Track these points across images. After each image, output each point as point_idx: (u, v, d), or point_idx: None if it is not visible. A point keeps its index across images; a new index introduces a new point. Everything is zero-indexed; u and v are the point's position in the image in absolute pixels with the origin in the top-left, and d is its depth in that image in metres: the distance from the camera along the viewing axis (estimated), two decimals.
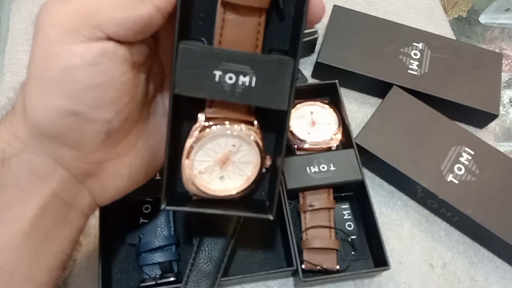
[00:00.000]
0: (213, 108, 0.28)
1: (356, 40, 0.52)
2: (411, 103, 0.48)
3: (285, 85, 0.27)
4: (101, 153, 0.27)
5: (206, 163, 0.29)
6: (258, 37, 0.27)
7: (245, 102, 0.27)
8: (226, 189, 0.30)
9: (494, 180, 0.45)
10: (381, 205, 0.47)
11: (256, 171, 0.30)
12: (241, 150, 0.29)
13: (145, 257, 0.38)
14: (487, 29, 0.78)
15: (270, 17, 0.28)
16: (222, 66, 0.26)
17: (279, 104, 0.27)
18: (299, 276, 0.37)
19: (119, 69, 0.24)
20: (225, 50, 0.26)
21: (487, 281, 0.44)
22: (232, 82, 0.26)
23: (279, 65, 0.27)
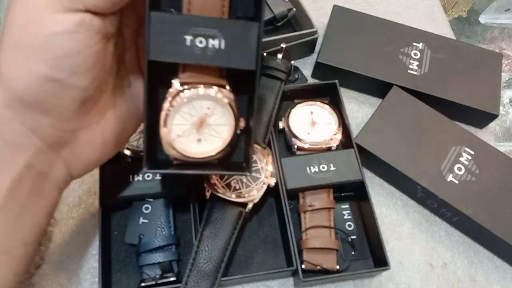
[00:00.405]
0: (187, 73, 0.30)
1: (356, 40, 0.52)
2: (411, 103, 0.48)
3: (252, 46, 0.29)
4: (75, 121, 0.28)
5: (184, 126, 0.30)
6: (224, 3, 0.29)
7: (216, 64, 0.29)
8: (204, 151, 0.31)
9: (494, 180, 0.45)
10: (381, 205, 0.47)
11: (231, 133, 0.31)
12: (216, 113, 0.31)
13: (145, 257, 0.37)
14: (487, 29, 0.78)
15: None
16: (192, 31, 0.28)
17: (248, 64, 0.29)
18: (299, 276, 0.37)
19: (93, 39, 0.26)
20: (194, 15, 0.28)
21: (487, 281, 0.44)
22: (203, 45, 0.28)
23: (245, 27, 0.29)
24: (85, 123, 0.29)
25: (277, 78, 0.45)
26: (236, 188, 0.39)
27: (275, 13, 0.52)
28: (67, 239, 0.41)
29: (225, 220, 0.38)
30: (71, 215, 0.42)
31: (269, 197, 0.44)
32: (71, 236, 0.41)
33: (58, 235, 0.41)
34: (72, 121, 0.27)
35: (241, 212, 0.38)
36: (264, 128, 0.42)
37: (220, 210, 0.38)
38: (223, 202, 0.38)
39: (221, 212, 0.38)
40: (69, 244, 0.41)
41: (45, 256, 0.40)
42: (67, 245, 0.41)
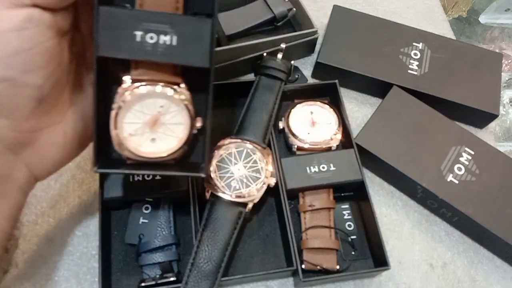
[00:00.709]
0: (139, 70, 0.29)
1: (356, 40, 0.52)
2: (411, 103, 0.48)
3: (205, 43, 0.28)
4: (33, 121, 0.27)
5: (136, 125, 0.30)
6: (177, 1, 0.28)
7: (167, 60, 0.28)
8: (158, 151, 0.30)
9: (494, 180, 0.45)
10: (381, 205, 0.47)
11: (187, 132, 0.30)
12: (170, 111, 0.30)
13: (145, 257, 0.37)
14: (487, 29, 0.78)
15: None
16: (142, 26, 0.27)
17: (201, 62, 0.28)
18: (299, 276, 0.37)
19: (45, 35, 0.25)
20: (145, 10, 0.27)
21: (487, 281, 0.44)
22: (154, 41, 0.27)
23: (198, 24, 0.28)
24: (45, 123, 0.28)
25: (277, 78, 0.45)
26: (236, 188, 0.39)
27: (275, 13, 0.52)
28: (67, 239, 0.41)
29: (225, 220, 0.38)
30: (71, 215, 0.42)
31: (269, 197, 0.44)
32: (71, 236, 0.41)
33: (57, 235, 0.41)
34: (30, 121, 0.27)
35: (241, 212, 0.38)
36: (264, 128, 0.42)
37: (220, 210, 0.38)
38: (223, 202, 0.38)
39: (221, 212, 0.38)
40: (68, 244, 0.41)
41: (46, 255, 0.40)
42: (67, 245, 0.41)
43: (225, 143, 0.40)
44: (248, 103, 0.44)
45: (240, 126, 0.42)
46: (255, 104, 0.44)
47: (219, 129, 0.47)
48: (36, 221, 0.41)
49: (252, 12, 0.52)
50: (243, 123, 0.42)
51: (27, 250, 0.40)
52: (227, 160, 0.40)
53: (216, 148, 0.40)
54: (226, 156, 0.40)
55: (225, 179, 0.39)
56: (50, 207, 0.42)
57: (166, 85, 0.29)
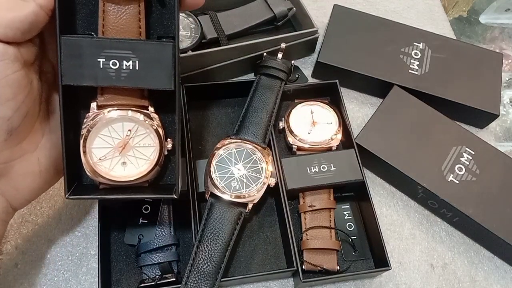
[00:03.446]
0: (105, 96, 0.30)
1: (357, 39, 0.52)
2: (412, 103, 0.48)
3: (168, 65, 0.29)
4: (6, 152, 0.27)
5: (105, 150, 0.30)
6: (140, 24, 0.30)
7: (131, 85, 0.29)
8: (130, 174, 0.31)
9: (495, 180, 0.45)
10: (381, 205, 0.47)
11: (157, 154, 0.31)
12: (139, 135, 0.31)
13: (145, 257, 0.37)
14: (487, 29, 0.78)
15: (153, 6, 0.31)
16: (104, 53, 0.28)
17: (165, 84, 0.29)
18: (299, 277, 0.37)
19: (10, 68, 0.25)
20: (106, 38, 0.28)
21: (487, 281, 0.44)
22: (116, 67, 0.28)
23: (159, 47, 0.29)
24: (18, 153, 0.28)
25: (277, 78, 0.45)
26: (236, 189, 0.38)
27: (275, 12, 0.52)
28: (67, 239, 0.41)
29: (225, 221, 0.38)
30: (71, 215, 0.42)
31: (269, 198, 0.44)
32: (71, 237, 0.41)
33: (57, 235, 0.41)
34: (3, 152, 0.27)
35: (241, 212, 0.38)
36: (264, 128, 0.42)
37: (220, 210, 0.38)
38: (223, 202, 0.38)
39: (221, 213, 0.38)
40: (68, 244, 0.41)
41: (46, 255, 0.40)
42: (67, 245, 0.40)
43: (225, 143, 0.40)
44: (248, 103, 0.44)
45: (240, 126, 0.42)
46: (255, 104, 0.44)
47: (219, 129, 0.47)
48: (35, 221, 0.41)
49: (252, 12, 0.52)
50: (243, 123, 0.42)
51: (27, 250, 0.40)
52: (227, 160, 0.40)
53: (216, 148, 0.40)
54: (226, 156, 0.40)
55: (225, 179, 0.39)
56: (49, 207, 0.42)
57: (133, 109, 0.30)
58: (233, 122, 0.47)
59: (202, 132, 0.47)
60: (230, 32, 0.50)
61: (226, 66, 0.48)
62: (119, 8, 0.29)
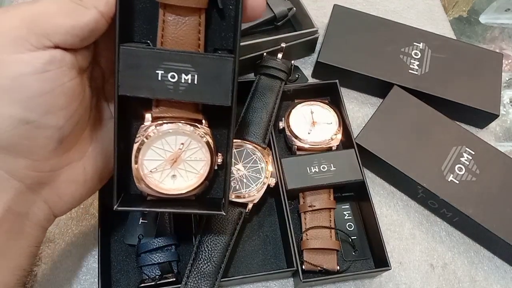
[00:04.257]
0: (160, 108, 0.29)
1: (357, 39, 0.52)
2: (412, 103, 0.48)
3: (227, 81, 0.28)
4: (54, 160, 0.27)
5: (156, 162, 0.30)
6: (199, 36, 0.29)
7: (189, 99, 0.28)
8: (179, 187, 0.30)
9: (495, 180, 0.45)
10: (381, 205, 0.47)
11: (207, 168, 0.30)
12: (191, 148, 0.30)
13: (145, 257, 0.37)
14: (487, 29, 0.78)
15: (211, 17, 0.30)
16: (163, 65, 0.27)
17: (222, 100, 0.28)
18: (299, 277, 0.37)
19: (67, 76, 0.25)
20: (166, 49, 0.28)
21: (487, 281, 0.44)
22: (175, 80, 0.27)
23: (219, 62, 0.28)
24: (65, 161, 0.28)
25: (277, 78, 0.45)
26: (236, 189, 0.38)
27: (275, 12, 0.52)
28: (67, 240, 0.41)
29: (225, 221, 0.38)
30: (71, 215, 0.42)
31: (269, 198, 0.44)
32: (71, 237, 0.41)
33: (57, 235, 0.41)
34: (51, 161, 0.26)
35: (241, 212, 0.38)
36: (264, 128, 0.42)
37: None
38: None
39: None
40: (68, 244, 0.41)
41: (43, 257, 0.40)
42: (67, 246, 0.40)
43: None
44: (248, 103, 0.44)
45: (240, 126, 0.42)
46: (255, 104, 0.44)
47: None
48: None
49: None
50: (243, 123, 0.42)
51: None
52: None
53: None
54: None
55: None
56: None
57: (187, 123, 0.29)
58: None
59: None
60: None
61: None
62: (179, 19, 0.28)
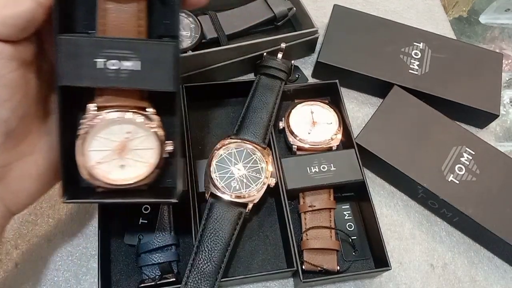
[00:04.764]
0: (103, 97, 0.29)
1: (357, 39, 0.52)
2: (412, 103, 0.48)
3: (169, 66, 0.28)
4: (3, 155, 0.26)
5: (103, 152, 0.29)
6: (140, 23, 0.28)
7: (131, 86, 0.28)
8: (128, 177, 0.30)
9: (495, 180, 0.45)
10: (381, 205, 0.47)
11: (157, 157, 0.30)
12: (138, 137, 0.30)
13: (145, 257, 0.37)
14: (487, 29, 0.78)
15: (154, 4, 0.30)
16: (103, 53, 0.27)
17: (166, 85, 0.28)
18: (299, 277, 0.37)
19: (7, 67, 0.24)
20: (105, 37, 0.27)
21: (487, 281, 0.44)
22: (116, 68, 0.27)
23: (161, 47, 0.28)
24: (15, 156, 0.27)
25: (277, 78, 0.45)
26: (236, 189, 0.38)
27: (275, 12, 0.52)
28: (67, 240, 0.41)
29: (225, 220, 0.38)
30: (71, 215, 0.42)
31: (269, 198, 0.44)
32: (71, 237, 0.41)
33: (57, 235, 0.41)
34: (0, 156, 0.26)
35: (241, 212, 0.38)
36: (264, 128, 0.42)
37: (220, 210, 0.38)
38: (223, 202, 0.38)
39: (221, 213, 0.38)
40: (68, 244, 0.41)
41: (46, 256, 0.40)
42: (67, 246, 0.40)
43: (225, 143, 0.40)
44: (248, 103, 0.44)
45: (240, 126, 0.42)
46: (255, 104, 0.43)
47: (219, 129, 0.47)
48: (35, 221, 0.41)
49: (252, 12, 0.52)
50: (243, 123, 0.42)
51: (27, 250, 0.40)
52: (227, 160, 0.40)
53: (216, 148, 0.40)
54: (226, 156, 0.40)
55: (225, 179, 0.39)
56: (49, 207, 0.42)
57: (132, 111, 0.29)
58: (233, 122, 0.47)
59: (202, 132, 0.47)
60: (230, 32, 0.50)
61: (226, 66, 0.48)
62: (119, 7, 0.28)
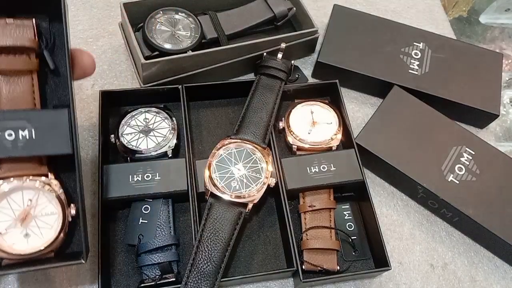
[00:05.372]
0: (3, 168, 0.30)
1: (357, 39, 0.52)
2: (412, 103, 0.48)
3: (65, 131, 0.30)
4: None
5: (5, 223, 0.30)
6: (34, 96, 0.31)
7: (29, 153, 0.30)
8: (33, 246, 0.30)
9: (495, 180, 0.45)
10: (381, 205, 0.47)
11: (61, 221, 0.31)
12: (40, 203, 0.31)
13: (145, 257, 0.37)
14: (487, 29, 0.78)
15: (48, 76, 0.33)
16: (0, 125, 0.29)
17: (62, 149, 0.30)
18: (299, 277, 0.37)
19: None
20: (1, 110, 0.30)
21: (487, 281, 0.44)
22: (13, 138, 0.29)
23: (54, 114, 0.30)
24: None
25: (277, 78, 0.45)
26: (236, 189, 0.38)
27: (275, 12, 0.52)
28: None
29: (225, 221, 0.37)
30: None
31: (269, 198, 0.44)
32: None
33: None
34: None
35: (241, 212, 0.38)
36: (264, 128, 0.42)
37: (220, 210, 0.38)
38: (223, 202, 0.38)
39: (221, 213, 0.38)
40: None
41: None
42: None
43: (225, 143, 0.40)
44: (248, 103, 0.44)
45: (240, 126, 0.42)
46: (255, 104, 0.43)
47: (219, 129, 0.47)
48: None
49: (252, 12, 0.52)
50: (243, 123, 0.42)
51: None
52: (227, 160, 0.40)
53: (216, 148, 0.40)
54: (226, 156, 0.40)
55: (225, 179, 0.39)
56: None
57: (32, 178, 0.30)
58: (233, 122, 0.47)
59: (202, 132, 0.47)
60: (230, 32, 0.50)
61: (226, 66, 0.48)
62: (12, 80, 0.30)
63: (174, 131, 0.42)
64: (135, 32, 0.46)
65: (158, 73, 0.45)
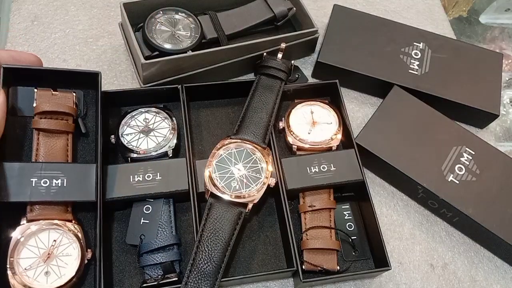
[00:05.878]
0: (34, 212, 0.35)
1: (357, 39, 0.52)
2: (412, 103, 0.48)
3: (91, 182, 0.36)
4: None
5: (31, 260, 0.34)
6: (67, 153, 0.38)
7: (59, 198, 0.35)
8: (52, 284, 0.33)
9: (495, 180, 0.45)
10: (381, 205, 0.47)
11: (77, 263, 0.34)
12: (62, 244, 0.35)
13: (147, 257, 0.37)
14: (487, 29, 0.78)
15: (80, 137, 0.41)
16: (37, 174, 0.35)
17: (87, 197, 0.36)
18: (299, 277, 0.37)
19: None
20: (40, 162, 0.36)
21: (487, 281, 0.44)
22: (47, 185, 0.35)
23: (84, 168, 0.37)
24: None
25: (277, 78, 0.45)
26: (236, 189, 0.38)
27: (275, 12, 0.52)
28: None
29: (225, 221, 0.38)
30: None
31: (269, 198, 0.44)
32: None
33: None
34: None
35: (241, 212, 0.38)
36: (264, 128, 0.42)
37: (220, 210, 0.38)
38: (223, 202, 0.38)
39: (221, 212, 0.38)
40: None
41: None
42: None
43: (225, 143, 0.40)
44: (248, 103, 0.44)
45: (240, 126, 0.42)
46: (255, 104, 0.44)
47: (219, 129, 0.47)
48: None
49: (252, 12, 0.52)
50: (243, 123, 0.42)
51: None
52: (227, 160, 0.40)
53: (216, 148, 0.40)
54: (226, 156, 0.40)
55: (225, 179, 0.39)
56: None
57: (58, 222, 0.35)
58: (233, 122, 0.47)
59: (202, 132, 0.47)
60: (230, 32, 0.50)
61: (226, 66, 0.48)
62: (52, 138, 0.37)
63: (174, 131, 0.43)
64: (135, 32, 0.46)
65: (158, 73, 0.45)
